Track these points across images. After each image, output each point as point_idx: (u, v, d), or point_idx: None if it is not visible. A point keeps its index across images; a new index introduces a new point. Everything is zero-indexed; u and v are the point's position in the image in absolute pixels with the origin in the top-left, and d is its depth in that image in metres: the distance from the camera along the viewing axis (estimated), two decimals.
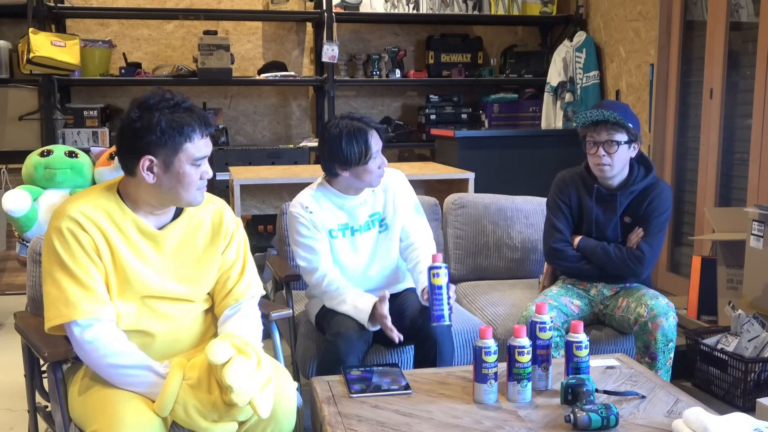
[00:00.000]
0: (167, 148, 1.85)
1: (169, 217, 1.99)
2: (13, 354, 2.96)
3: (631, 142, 2.71)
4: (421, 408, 1.96)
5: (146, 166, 1.85)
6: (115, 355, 1.83)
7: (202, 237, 2.02)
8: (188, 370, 1.82)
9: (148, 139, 1.83)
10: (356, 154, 2.47)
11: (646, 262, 2.72)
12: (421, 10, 5.51)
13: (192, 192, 1.91)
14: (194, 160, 1.88)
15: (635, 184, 2.76)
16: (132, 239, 1.91)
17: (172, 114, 1.84)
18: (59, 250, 1.83)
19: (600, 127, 2.69)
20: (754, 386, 2.94)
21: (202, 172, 1.91)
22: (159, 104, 1.85)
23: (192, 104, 1.91)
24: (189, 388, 1.79)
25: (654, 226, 2.74)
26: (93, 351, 1.83)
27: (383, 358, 2.55)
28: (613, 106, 2.74)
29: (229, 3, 5.50)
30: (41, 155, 3.35)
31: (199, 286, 2.03)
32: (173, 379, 1.79)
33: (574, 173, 2.89)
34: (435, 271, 2.35)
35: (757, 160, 3.74)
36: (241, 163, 4.86)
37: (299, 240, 2.57)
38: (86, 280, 1.83)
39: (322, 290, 2.54)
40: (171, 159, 1.86)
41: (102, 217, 1.88)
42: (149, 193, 1.91)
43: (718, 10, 4.04)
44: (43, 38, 4.67)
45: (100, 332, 1.83)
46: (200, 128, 1.88)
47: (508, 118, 5.69)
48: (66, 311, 1.82)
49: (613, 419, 1.83)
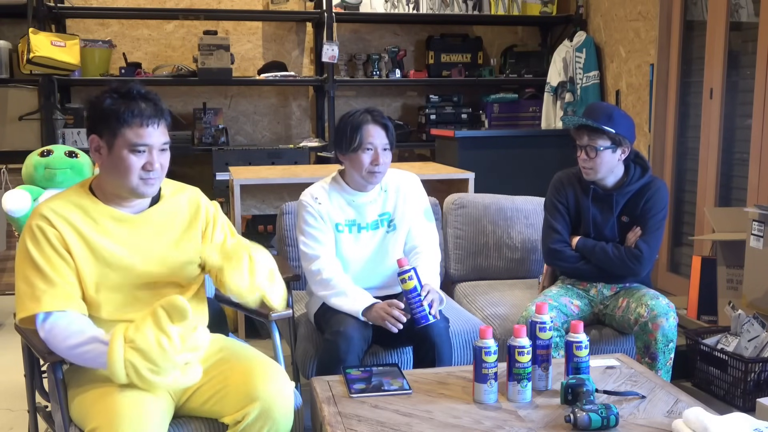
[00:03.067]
0: (108, 130, 1.90)
1: (145, 205, 2.03)
2: (13, 354, 2.96)
3: (615, 146, 2.69)
4: (421, 408, 1.96)
5: (94, 146, 1.92)
6: (70, 336, 1.84)
7: (180, 221, 2.06)
8: (128, 332, 1.77)
9: (94, 117, 1.91)
10: (347, 140, 2.53)
11: (644, 260, 2.73)
12: (421, 10, 5.51)
13: (133, 180, 1.92)
14: (132, 146, 1.89)
15: (631, 184, 2.76)
16: (107, 228, 1.95)
17: (120, 98, 1.89)
18: (29, 246, 1.89)
19: (582, 132, 2.71)
20: (754, 386, 2.94)
21: (146, 162, 1.91)
22: (117, 89, 1.91)
23: (147, 92, 1.94)
24: (132, 350, 1.74)
25: (651, 225, 2.74)
26: (53, 339, 1.86)
27: (383, 358, 2.55)
28: (598, 110, 2.73)
29: (229, 3, 5.50)
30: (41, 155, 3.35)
31: (180, 271, 2.04)
32: (114, 344, 1.75)
33: (570, 174, 2.89)
34: (403, 276, 2.39)
35: (757, 160, 3.74)
36: (241, 163, 4.86)
37: (305, 228, 2.59)
38: (52, 274, 1.87)
39: (319, 279, 2.54)
40: (111, 141, 1.90)
41: (73, 213, 1.92)
42: (104, 180, 1.97)
43: (718, 10, 4.04)
44: (43, 38, 4.67)
45: (60, 322, 1.86)
46: (143, 116, 1.89)
47: (508, 118, 5.69)
48: (31, 305, 1.86)
49: (613, 419, 1.83)
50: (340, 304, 2.49)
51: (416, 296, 2.38)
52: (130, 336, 1.76)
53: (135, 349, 1.74)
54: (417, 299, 2.38)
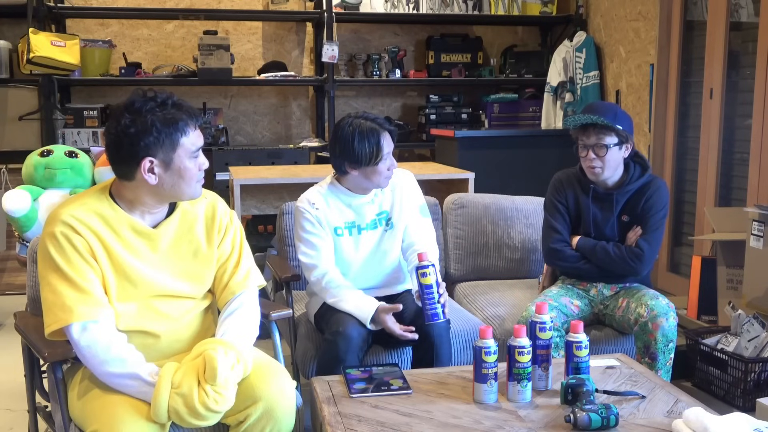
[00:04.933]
0: (165, 147, 1.86)
1: (162, 215, 2.00)
2: (13, 354, 2.96)
3: (621, 143, 2.70)
4: (421, 408, 1.96)
5: (147, 168, 1.86)
6: (107, 362, 1.83)
7: (198, 233, 2.03)
8: (176, 377, 1.81)
9: (146, 141, 1.84)
10: (367, 155, 2.48)
11: (645, 259, 2.73)
12: (421, 10, 5.51)
13: (194, 185, 1.94)
14: (192, 153, 1.91)
15: (631, 183, 2.76)
16: (127, 240, 1.92)
17: (162, 112, 1.86)
18: (54, 254, 1.84)
19: (589, 131, 2.69)
20: (754, 386, 2.94)
21: (199, 163, 1.94)
22: (147, 105, 1.86)
23: (178, 98, 1.93)
24: (177, 396, 1.78)
25: (652, 224, 2.74)
26: (91, 357, 1.84)
27: (383, 358, 2.55)
28: (602, 108, 2.74)
29: (229, 3, 5.50)
30: (41, 155, 3.35)
31: (198, 283, 2.03)
32: (161, 389, 1.79)
33: (569, 173, 2.89)
34: (423, 270, 2.37)
35: (757, 160, 3.74)
36: (241, 163, 4.86)
37: (302, 235, 2.57)
38: (82, 282, 1.84)
39: (321, 287, 2.55)
40: (170, 156, 1.87)
41: (95, 220, 1.88)
42: (150, 194, 1.91)
43: (718, 10, 4.04)
44: (43, 38, 4.67)
45: (97, 336, 1.83)
46: (192, 121, 1.92)
47: (508, 118, 5.69)
48: (63, 315, 1.82)
49: (613, 419, 1.83)
50: (348, 309, 2.49)
51: (431, 293, 2.37)
52: (176, 382, 1.80)
53: (180, 395, 1.78)
54: (431, 296, 2.37)
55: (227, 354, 1.84)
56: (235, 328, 1.99)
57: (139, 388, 1.83)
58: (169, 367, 1.83)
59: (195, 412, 1.77)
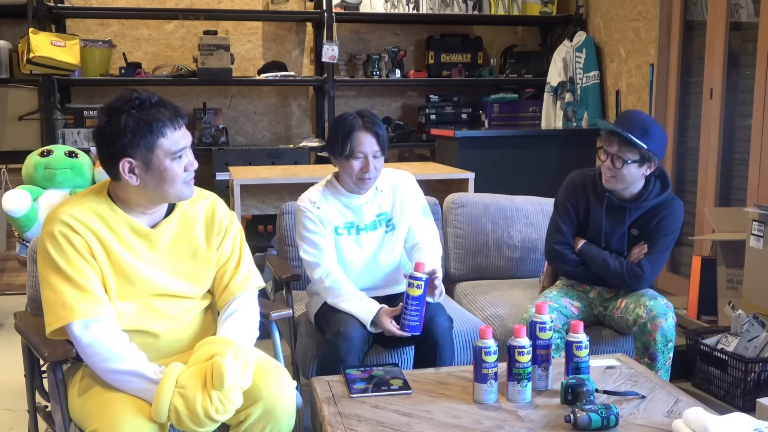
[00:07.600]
0: (142, 148, 1.84)
1: (161, 215, 1.99)
2: (13, 354, 2.96)
3: (643, 162, 2.61)
4: (421, 408, 1.96)
5: (127, 169, 1.85)
6: (110, 359, 1.83)
7: (197, 233, 2.03)
8: (181, 378, 1.81)
9: (120, 142, 1.83)
10: (339, 146, 2.51)
11: (645, 281, 2.69)
12: (421, 10, 5.51)
13: (178, 186, 1.91)
14: (172, 154, 1.88)
15: (648, 199, 2.69)
16: (126, 240, 1.91)
17: (139, 113, 1.83)
18: (53, 254, 1.84)
19: (613, 139, 2.61)
20: (754, 386, 2.94)
21: (185, 164, 1.91)
22: (125, 106, 1.84)
23: (161, 98, 1.90)
24: (180, 396, 1.78)
25: (660, 245, 2.70)
26: (93, 354, 1.84)
27: (383, 358, 2.55)
28: (635, 121, 2.63)
29: (229, 3, 5.50)
30: (41, 155, 3.35)
31: (197, 283, 2.03)
32: (165, 387, 1.78)
33: (586, 176, 2.82)
34: (413, 281, 2.33)
35: (757, 160, 3.74)
36: (241, 163, 4.86)
37: (305, 234, 2.58)
38: (82, 281, 1.84)
39: (324, 287, 2.55)
40: (149, 158, 1.85)
41: (93, 220, 1.88)
42: (137, 194, 1.91)
43: (718, 10, 4.04)
44: (43, 38, 4.67)
45: (99, 334, 1.83)
46: (171, 121, 1.87)
47: (508, 118, 5.69)
48: (64, 314, 1.82)
49: (613, 419, 1.83)
50: (349, 310, 2.49)
51: (416, 306, 2.35)
52: (181, 382, 1.79)
53: (182, 396, 1.77)
54: (415, 309, 2.35)
55: (236, 360, 1.82)
56: (235, 329, 1.99)
57: (142, 386, 1.82)
58: (175, 367, 1.83)
59: (194, 415, 1.77)
